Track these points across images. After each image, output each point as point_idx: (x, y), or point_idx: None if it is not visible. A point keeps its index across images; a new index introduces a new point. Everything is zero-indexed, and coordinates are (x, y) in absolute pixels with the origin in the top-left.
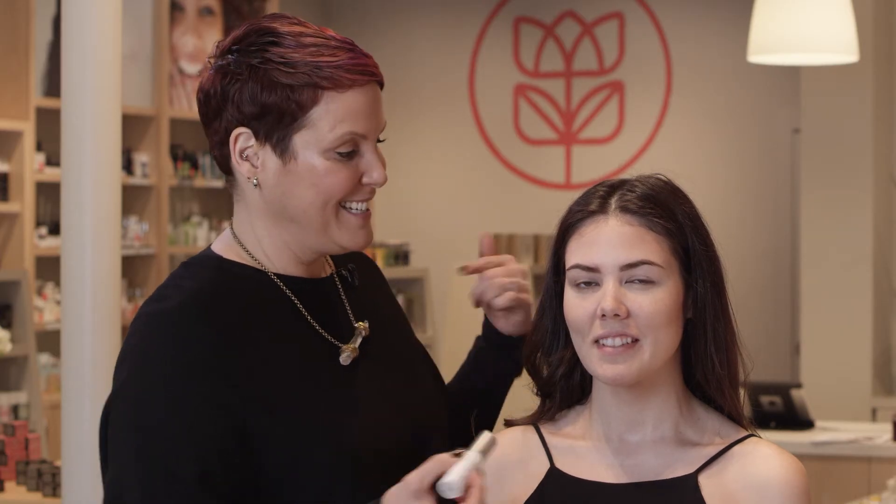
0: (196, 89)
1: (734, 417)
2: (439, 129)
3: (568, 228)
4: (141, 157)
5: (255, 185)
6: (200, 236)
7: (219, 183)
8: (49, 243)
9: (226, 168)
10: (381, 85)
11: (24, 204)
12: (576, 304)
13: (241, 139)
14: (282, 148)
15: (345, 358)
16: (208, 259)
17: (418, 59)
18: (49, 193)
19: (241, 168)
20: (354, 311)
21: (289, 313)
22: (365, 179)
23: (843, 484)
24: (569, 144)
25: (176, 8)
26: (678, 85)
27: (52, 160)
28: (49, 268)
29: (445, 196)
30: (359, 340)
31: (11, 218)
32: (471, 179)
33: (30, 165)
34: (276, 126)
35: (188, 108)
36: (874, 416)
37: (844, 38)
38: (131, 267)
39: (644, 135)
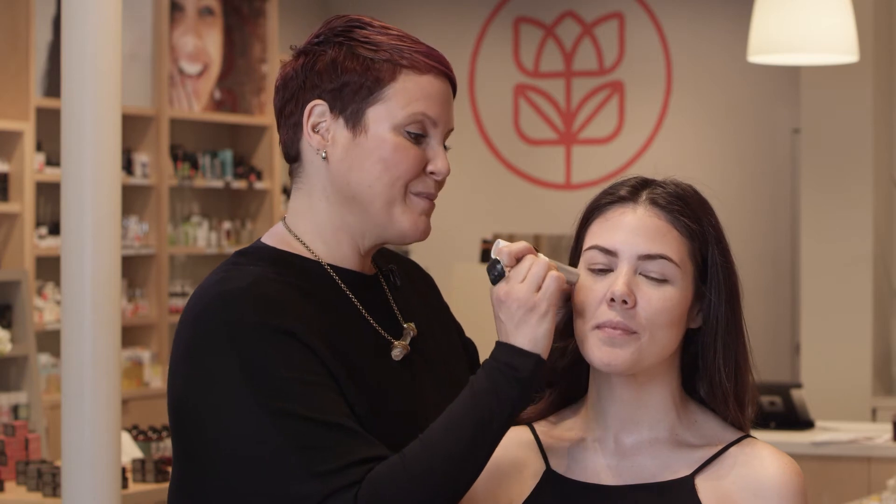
0: (193, 90)
1: (736, 426)
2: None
3: (594, 211)
4: (141, 157)
5: (324, 158)
6: (200, 236)
7: (219, 183)
8: (49, 243)
9: (293, 152)
10: (454, 88)
11: (24, 204)
12: (586, 286)
13: (316, 111)
14: (354, 121)
15: (397, 353)
16: (262, 249)
17: None
18: (49, 193)
19: (312, 141)
20: (401, 312)
21: (344, 305)
22: (430, 167)
23: (843, 484)
24: (569, 144)
25: (176, 8)
26: (678, 85)
27: (52, 160)
28: (49, 268)
29: (445, 196)
30: (408, 338)
31: (11, 218)
32: (470, 179)
33: (30, 165)
34: (353, 98)
35: (188, 108)
36: (874, 416)
37: (844, 38)
38: (131, 267)
39: (644, 135)
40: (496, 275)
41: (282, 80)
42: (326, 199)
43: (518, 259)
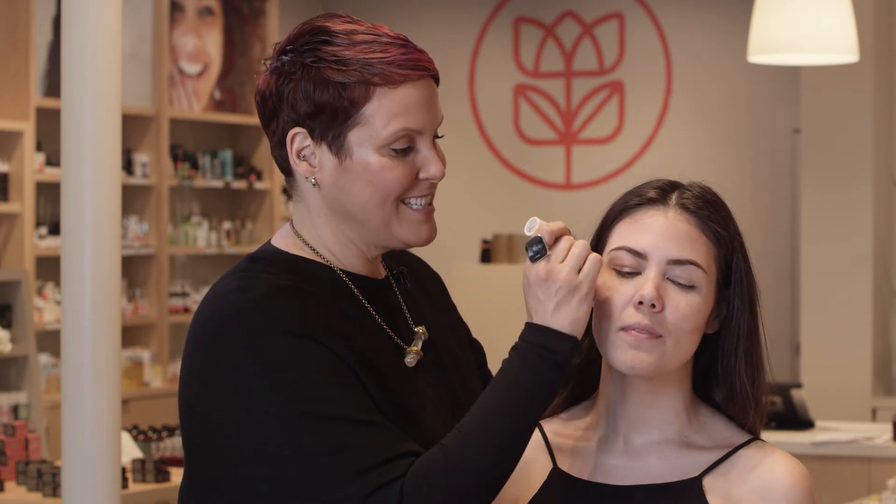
0: (193, 90)
1: (751, 430)
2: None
3: (621, 212)
4: (141, 157)
5: (314, 185)
6: (200, 236)
7: (219, 183)
8: (49, 243)
9: (285, 168)
10: (437, 79)
11: (24, 204)
12: (612, 287)
13: (298, 139)
14: (337, 146)
15: (410, 360)
16: (275, 254)
17: None
18: (49, 193)
19: (299, 168)
20: (412, 314)
21: (357, 310)
22: (422, 175)
23: (843, 484)
24: (569, 144)
25: (176, 8)
26: (678, 85)
27: (52, 160)
28: (49, 268)
29: (445, 196)
30: (420, 343)
31: (11, 218)
32: (471, 179)
33: (30, 165)
34: (331, 124)
35: (188, 108)
36: (874, 416)
37: (844, 38)
38: (131, 267)
39: (644, 135)
40: (536, 252)
41: (259, 96)
42: (325, 216)
43: (556, 238)
